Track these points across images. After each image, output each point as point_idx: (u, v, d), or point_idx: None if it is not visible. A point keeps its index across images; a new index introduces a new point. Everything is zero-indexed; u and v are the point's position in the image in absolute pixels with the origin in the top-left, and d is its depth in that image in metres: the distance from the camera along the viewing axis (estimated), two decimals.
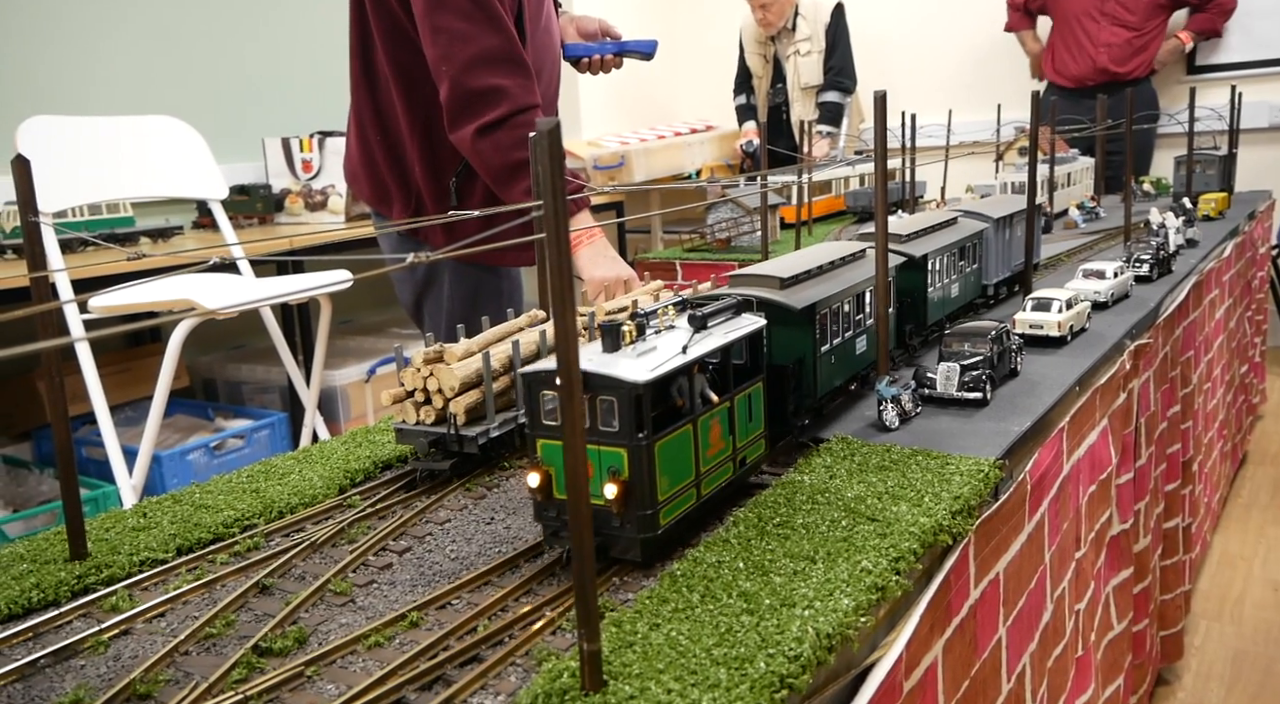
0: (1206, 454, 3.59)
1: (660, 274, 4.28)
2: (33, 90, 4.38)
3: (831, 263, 1.81)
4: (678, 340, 1.29)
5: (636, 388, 1.15)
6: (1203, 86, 4.92)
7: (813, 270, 1.73)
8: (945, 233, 2.28)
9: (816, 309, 1.63)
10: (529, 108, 2.57)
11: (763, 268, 1.70)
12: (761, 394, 1.46)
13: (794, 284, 1.66)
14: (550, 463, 1.22)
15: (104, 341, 4.41)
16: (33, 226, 1.22)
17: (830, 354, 1.71)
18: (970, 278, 2.41)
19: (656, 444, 1.19)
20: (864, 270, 1.85)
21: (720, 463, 1.36)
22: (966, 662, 1.45)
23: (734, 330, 1.39)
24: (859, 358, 1.85)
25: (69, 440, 1.29)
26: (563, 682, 1.00)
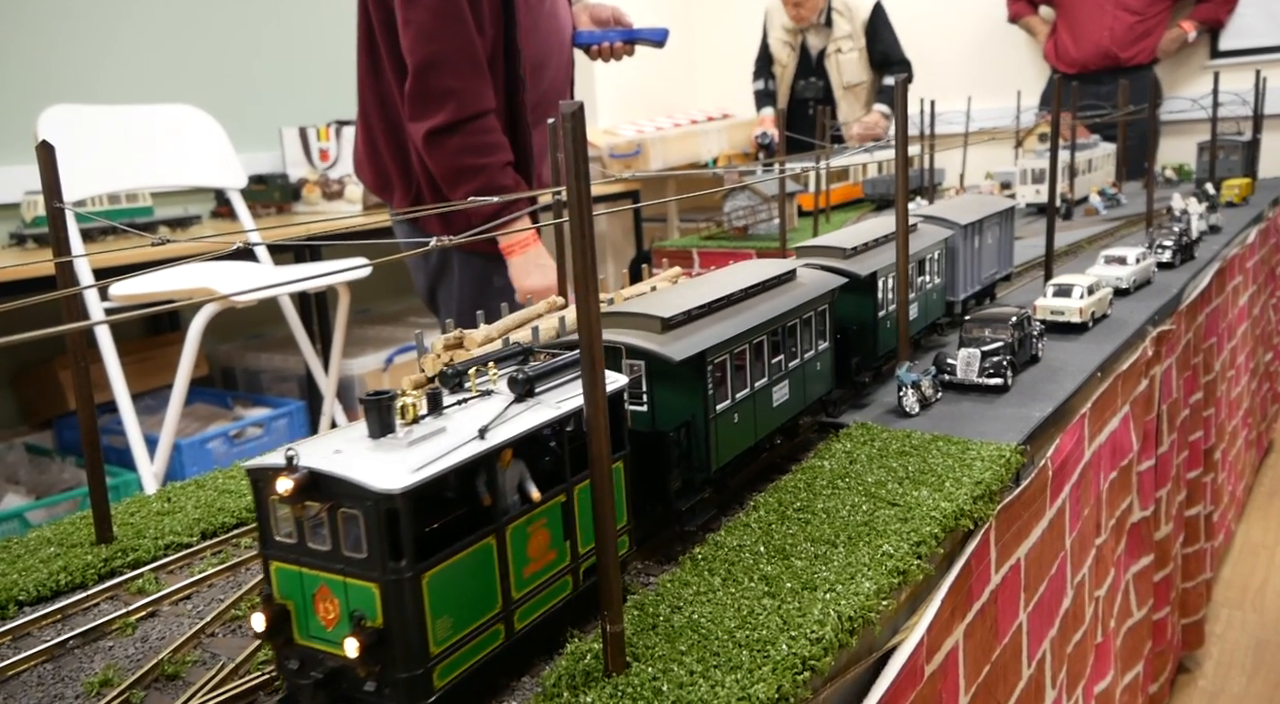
0: (1230, 442, 3.56)
1: (678, 262, 4.27)
2: (53, 79, 4.41)
3: (744, 291, 1.45)
4: (483, 415, 0.97)
5: (388, 499, 0.83)
6: (1226, 71, 4.86)
7: (715, 303, 1.39)
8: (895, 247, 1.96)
9: (708, 357, 1.29)
10: (478, 114, 2.62)
11: (643, 304, 1.35)
12: (624, 475, 1.13)
13: (680, 325, 1.30)
14: (289, 595, 0.91)
15: (124, 331, 4.44)
16: (57, 212, 1.23)
17: (732, 412, 1.36)
18: (932, 296, 2.08)
19: (427, 575, 0.87)
20: (789, 296, 1.51)
21: (549, 580, 1.03)
22: (987, 647, 1.44)
23: (579, 395, 1.05)
24: (777, 411, 1.49)
25: (94, 423, 1.30)
26: (586, 663, 1.00)
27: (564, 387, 1.08)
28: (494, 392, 1.05)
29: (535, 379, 1.05)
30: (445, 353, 1.59)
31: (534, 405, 1.03)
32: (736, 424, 1.38)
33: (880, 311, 1.83)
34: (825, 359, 1.63)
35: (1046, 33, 6.43)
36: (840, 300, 1.71)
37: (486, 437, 0.93)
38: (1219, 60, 6.36)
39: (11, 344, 0.69)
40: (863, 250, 1.84)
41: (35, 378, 4.33)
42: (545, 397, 1.05)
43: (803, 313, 1.54)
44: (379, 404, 0.91)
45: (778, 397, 1.49)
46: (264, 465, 0.88)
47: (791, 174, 4.37)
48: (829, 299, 1.63)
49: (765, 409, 1.45)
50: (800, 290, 1.56)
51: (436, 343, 1.61)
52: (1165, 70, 6.26)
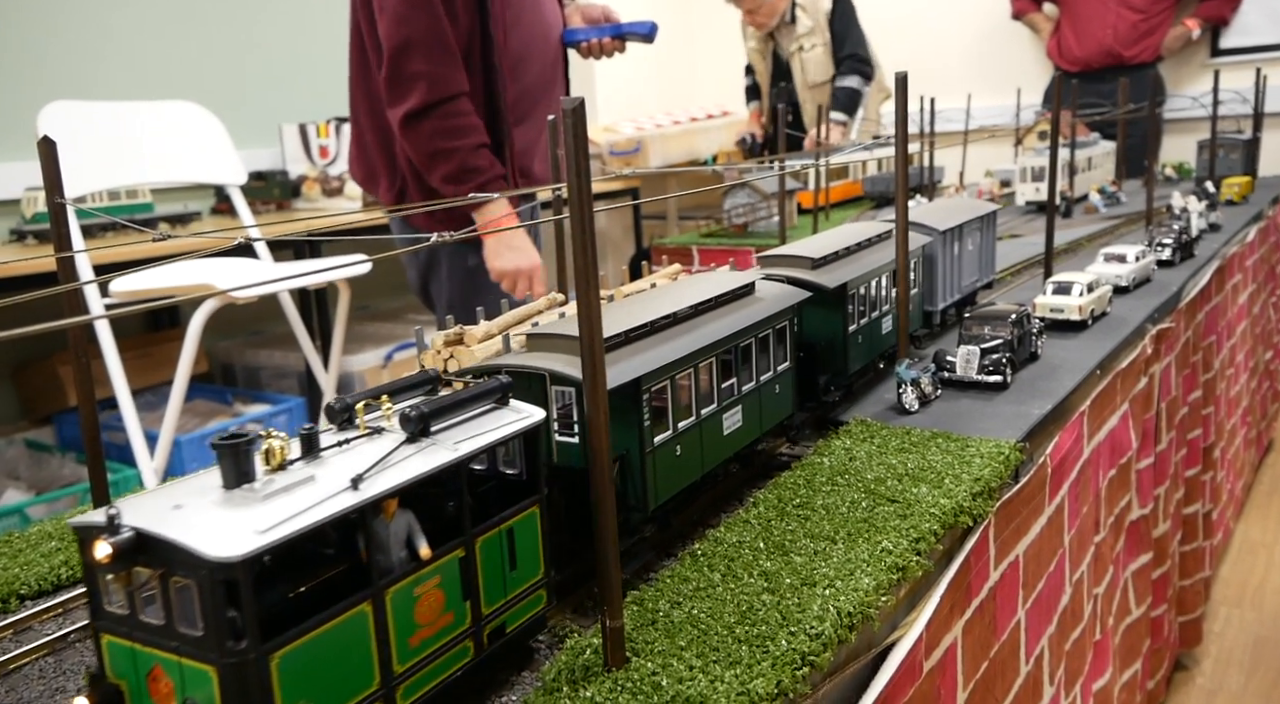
0: (1229, 440, 3.56)
1: (677, 259, 4.27)
2: (53, 76, 4.41)
3: (693, 308, 1.34)
4: (366, 459, 0.85)
5: (224, 568, 0.70)
6: (1226, 69, 4.86)
7: (657, 323, 1.26)
8: (873, 253, 1.84)
9: (644, 385, 1.18)
10: (449, 97, 2.65)
11: (571, 325, 1.15)
12: (538, 523, 1.01)
13: (615, 348, 1.19)
14: (122, 674, 0.79)
15: (124, 327, 4.44)
16: (59, 208, 1.23)
17: (674, 444, 1.25)
18: (907, 307, 1.96)
19: (277, 655, 0.74)
20: (744, 313, 1.38)
21: (443, 647, 0.91)
22: (985, 643, 1.45)
23: (486, 432, 0.95)
24: (729, 440, 1.37)
25: (95, 418, 1.30)
26: (586, 658, 1.01)
27: (469, 423, 0.95)
28: (386, 430, 0.91)
29: (431, 416, 0.91)
30: (446, 349, 1.60)
31: (429, 446, 0.89)
32: (679, 457, 1.26)
33: (851, 326, 1.70)
34: (786, 380, 1.51)
35: (1050, 30, 6.43)
36: (807, 314, 1.62)
37: (361, 487, 0.80)
38: (1220, 58, 6.35)
39: (12, 338, 0.69)
40: (832, 260, 1.71)
41: (36, 374, 4.33)
42: (445, 435, 0.92)
43: (759, 331, 1.42)
44: (234, 449, 0.78)
45: (729, 424, 1.37)
46: (88, 523, 0.75)
47: (791, 171, 4.37)
48: (791, 315, 1.50)
49: (714, 438, 1.33)
50: (758, 306, 1.43)
51: (436, 339, 1.61)
52: (1167, 68, 6.26)
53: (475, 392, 0.99)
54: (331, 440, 0.88)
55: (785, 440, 1.61)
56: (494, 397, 1.02)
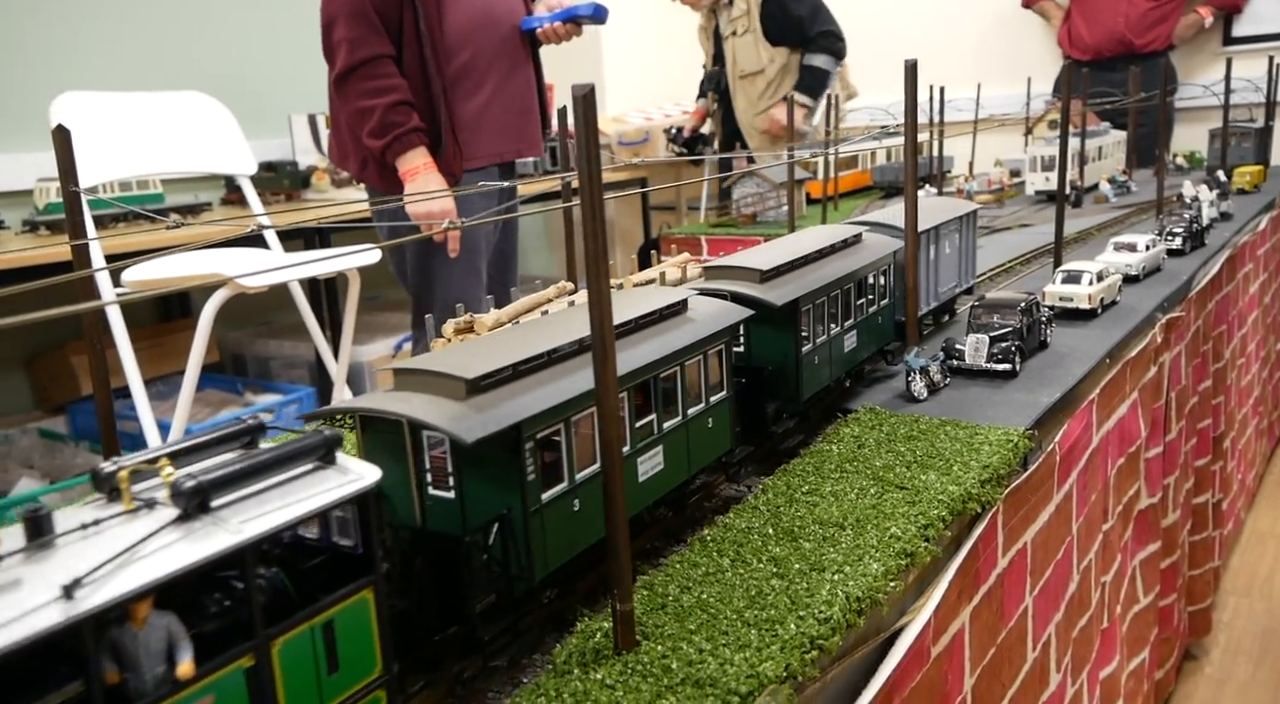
0: (1240, 430, 3.56)
1: (686, 249, 4.27)
2: (64, 67, 4.42)
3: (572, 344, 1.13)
4: (114, 546, 0.67)
5: None
6: (1239, 58, 4.82)
7: (552, 354, 1.09)
8: (833, 262, 1.66)
9: (526, 431, 1.01)
10: (368, 59, 2.88)
11: (446, 359, 1.06)
12: (372, 609, 0.83)
13: (494, 386, 1.01)
14: None
15: (136, 317, 4.47)
16: (73, 196, 1.24)
17: (568, 500, 1.07)
18: (876, 320, 1.81)
19: None
20: (668, 338, 1.23)
21: None
22: (993, 629, 1.46)
23: (294, 503, 0.76)
24: (648, 487, 1.22)
25: (110, 405, 1.31)
26: (596, 641, 1.02)
27: (274, 492, 0.76)
28: (159, 503, 0.73)
29: (213, 487, 0.72)
30: (456, 337, 1.61)
31: (204, 527, 0.71)
32: (576, 513, 1.08)
33: (804, 346, 1.53)
34: (722, 412, 1.34)
35: (1060, 18, 6.40)
36: (754, 334, 1.50)
37: (77, 595, 0.62)
38: (1233, 47, 6.31)
39: (27, 323, 0.70)
40: (785, 271, 1.54)
41: (48, 363, 4.37)
42: (231, 510, 0.73)
43: (688, 356, 1.25)
44: None
45: (648, 468, 1.20)
46: None
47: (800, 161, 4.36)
48: (728, 337, 1.33)
49: (628, 486, 1.14)
50: (688, 328, 1.26)
51: (447, 327, 1.62)
52: (1179, 57, 6.22)
53: (286, 451, 0.78)
54: (79, 521, 0.69)
55: (725, 478, 1.45)
56: (315, 455, 0.80)
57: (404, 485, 1.03)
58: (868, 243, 1.80)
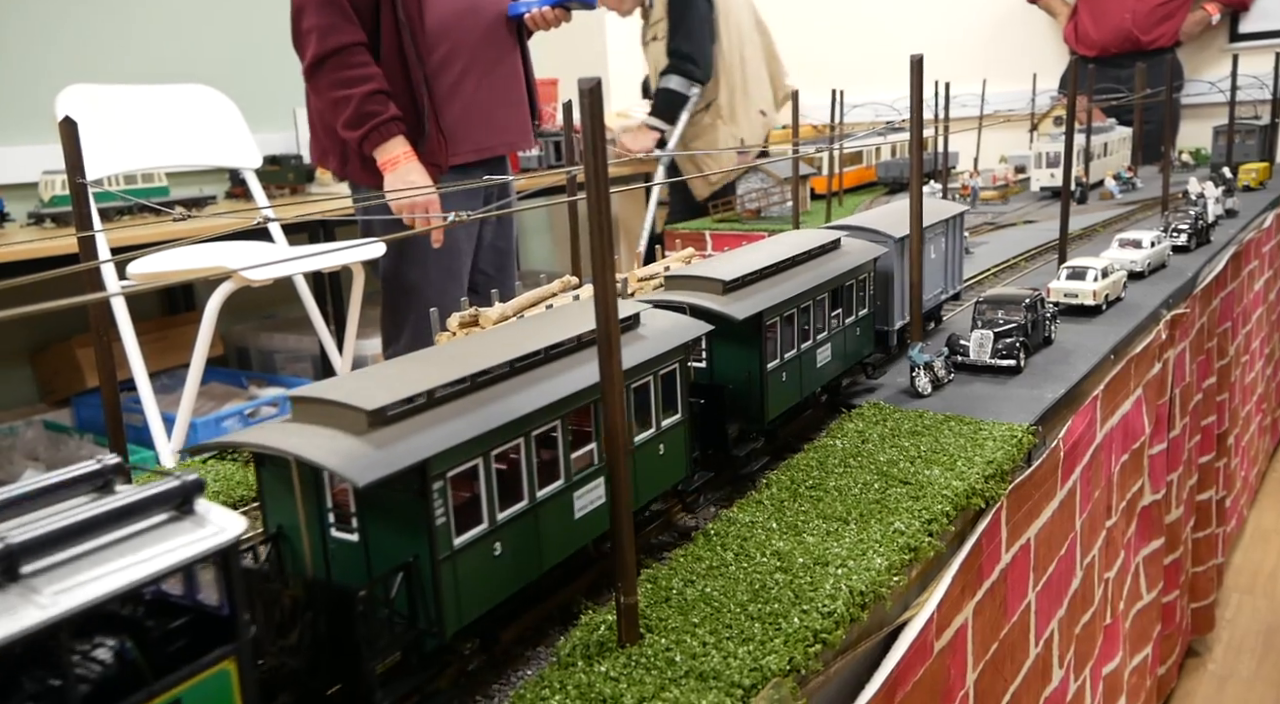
0: (1244, 427, 3.55)
1: (690, 244, 4.27)
2: (69, 60, 4.43)
3: (528, 358, 1.05)
4: None
5: None
6: (1245, 54, 4.81)
7: (476, 379, 0.99)
8: (805, 270, 1.56)
9: (434, 470, 0.89)
10: (340, 48, 2.83)
11: (345, 387, 0.95)
12: (234, 684, 0.70)
13: (400, 419, 0.91)
14: None
15: (141, 310, 4.47)
16: (80, 188, 1.24)
17: (488, 543, 0.96)
18: (853, 331, 1.70)
19: None
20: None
21: None
22: (996, 625, 1.46)
23: (132, 565, 0.64)
24: (582, 526, 1.09)
25: (116, 397, 1.32)
26: (600, 634, 1.02)
27: (111, 550, 0.65)
28: None
29: (25, 551, 0.61)
30: (461, 331, 1.61)
31: (15, 598, 0.59)
32: (498, 558, 0.97)
33: (771, 362, 1.43)
34: (676, 438, 1.23)
35: (1066, 14, 6.38)
36: (716, 350, 1.40)
37: None
38: (1239, 44, 6.29)
39: (33, 314, 0.70)
40: (751, 281, 1.44)
41: (54, 356, 4.38)
42: (49, 577, 0.62)
43: (634, 379, 1.15)
44: None
45: (585, 503, 1.08)
46: None
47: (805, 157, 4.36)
48: (682, 355, 1.23)
49: (559, 526, 1.05)
50: (637, 346, 1.16)
51: (452, 321, 1.62)
52: (1186, 53, 6.20)
53: (132, 501, 0.67)
54: None
55: (681, 508, 1.34)
56: (169, 504, 0.69)
57: (304, 527, 0.93)
58: (846, 249, 1.70)
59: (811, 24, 7.54)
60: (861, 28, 7.38)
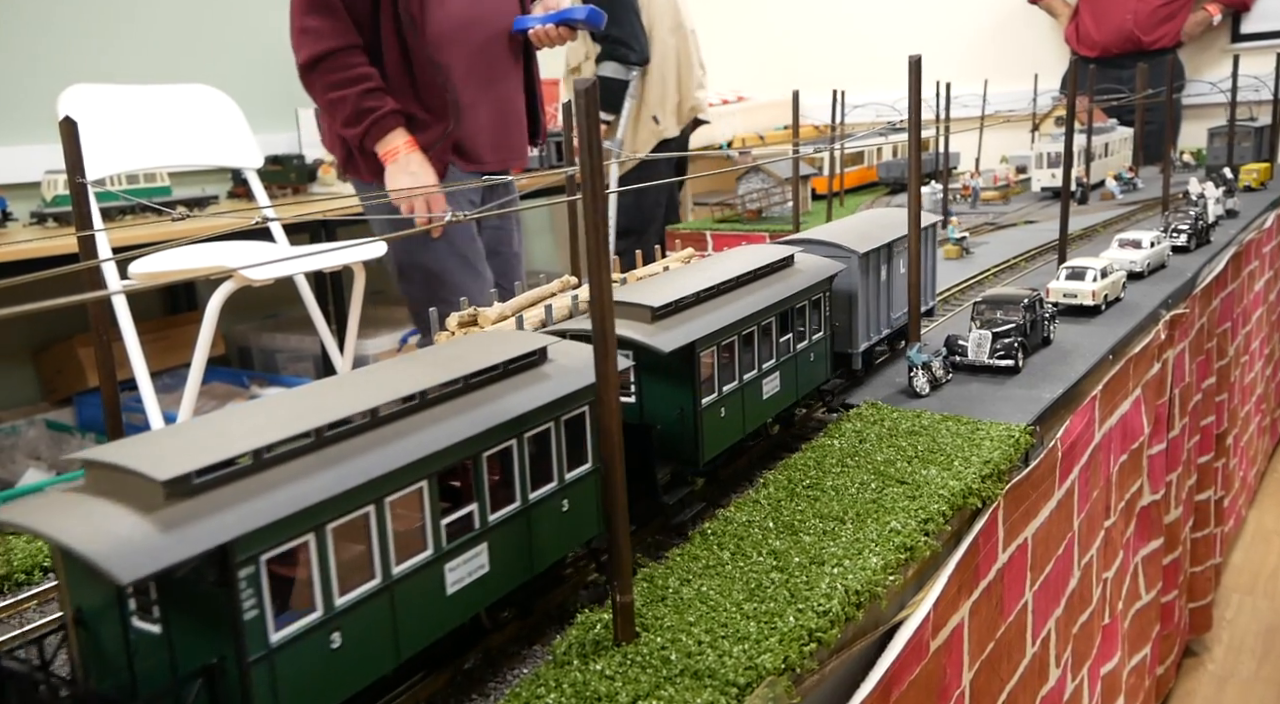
0: (1243, 428, 3.55)
1: (691, 244, 4.28)
2: (72, 60, 4.44)
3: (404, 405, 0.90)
4: None
5: None
6: (1246, 55, 4.80)
7: (324, 435, 0.83)
8: (752, 292, 1.42)
9: (240, 552, 0.74)
10: (335, 50, 2.85)
11: (138, 451, 0.77)
12: None
13: (205, 490, 0.75)
14: None
15: (143, 310, 4.48)
16: (80, 188, 1.25)
17: (322, 636, 0.81)
18: (807, 357, 1.55)
19: None
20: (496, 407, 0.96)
21: None
22: (992, 624, 1.46)
23: None
24: (455, 604, 0.93)
25: (116, 396, 1.32)
26: (596, 633, 1.02)
27: None
28: None
29: None
30: (459, 331, 1.61)
31: None
32: (338, 651, 0.81)
33: (705, 396, 1.29)
34: (586, 490, 1.09)
35: (1068, 15, 6.38)
36: (646, 384, 1.27)
37: None
38: (1240, 44, 6.29)
39: (33, 313, 0.71)
40: (686, 306, 1.30)
41: (56, 355, 4.39)
42: None
43: (530, 425, 1.00)
44: None
45: (462, 574, 0.93)
46: None
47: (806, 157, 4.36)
48: (592, 396, 1.07)
49: (422, 605, 0.89)
50: (537, 389, 1.01)
51: (451, 320, 1.63)
52: (1187, 54, 6.20)
53: None
54: None
55: (595, 567, 1.17)
56: None
57: (105, 613, 0.79)
58: (800, 267, 1.56)
59: (813, 24, 7.55)
60: (862, 28, 7.39)
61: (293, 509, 0.76)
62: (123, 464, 0.73)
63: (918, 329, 1.85)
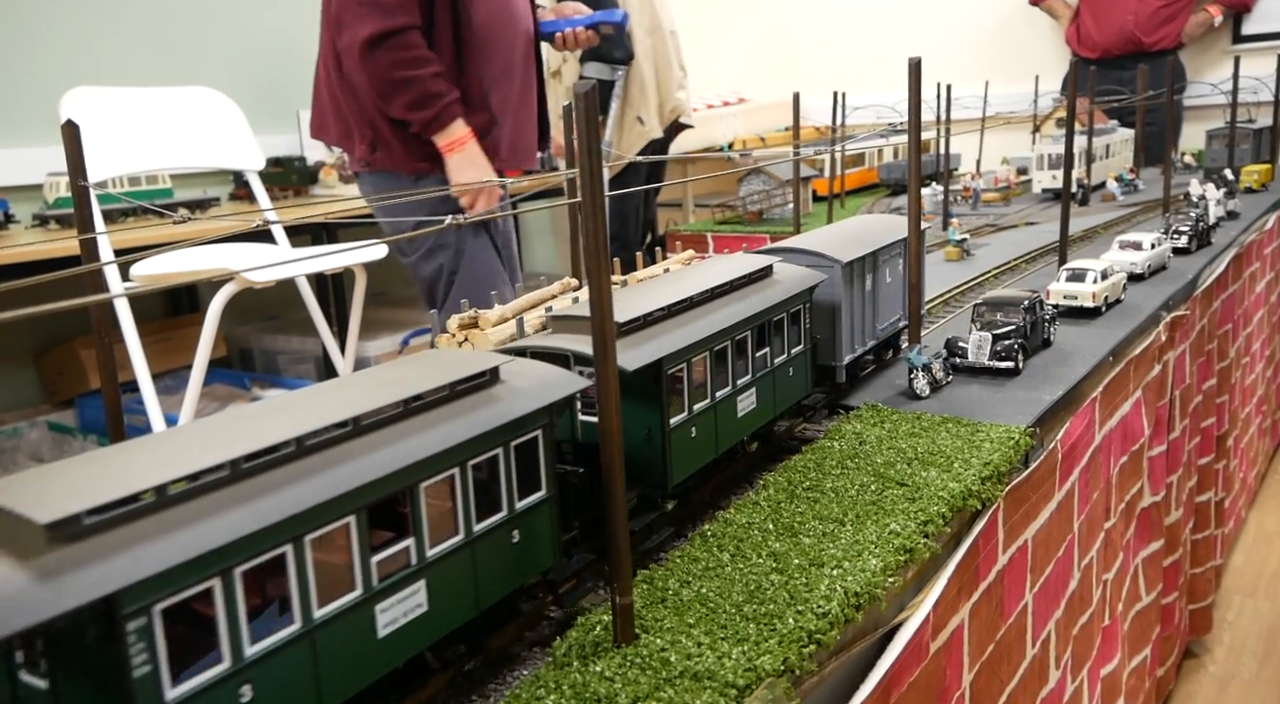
0: (1244, 429, 3.55)
1: (692, 245, 4.28)
2: (73, 62, 4.44)
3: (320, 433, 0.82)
4: None
5: None
6: (1247, 56, 4.81)
7: (240, 468, 0.76)
8: (725, 305, 1.35)
9: (130, 602, 0.66)
10: (403, 28, 2.76)
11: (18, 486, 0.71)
12: None
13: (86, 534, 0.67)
14: None
15: (145, 311, 4.49)
16: (82, 191, 1.25)
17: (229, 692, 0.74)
18: (786, 372, 1.49)
19: None
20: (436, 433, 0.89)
21: None
22: (992, 626, 1.46)
23: None
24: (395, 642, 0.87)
25: (118, 398, 1.33)
26: (596, 634, 1.03)
27: None
28: None
29: None
30: (460, 332, 1.62)
31: None
32: None
33: (675, 416, 1.22)
34: (537, 521, 1.02)
35: (1069, 16, 6.38)
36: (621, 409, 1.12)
37: None
38: (1241, 45, 6.29)
39: (35, 316, 0.71)
40: (654, 322, 1.23)
41: (58, 357, 4.39)
42: None
43: (474, 453, 0.93)
44: None
45: (395, 616, 0.86)
46: None
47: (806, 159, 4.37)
48: (545, 419, 1.01)
49: (348, 650, 0.82)
50: (485, 411, 0.94)
51: (452, 322, 1.63)
52: (1188, 55, 6.20)
53: None
54: None
55: (552, 599, 1.10)
56: None
57: None
58: (779, 277, 1.49)
59: (813, 25, 7.56)
60: (863, 30, 7.39)
61: (195, 552, 0.69)
62: (5, 505, 0.66)
63: (918, 330, 1.85)
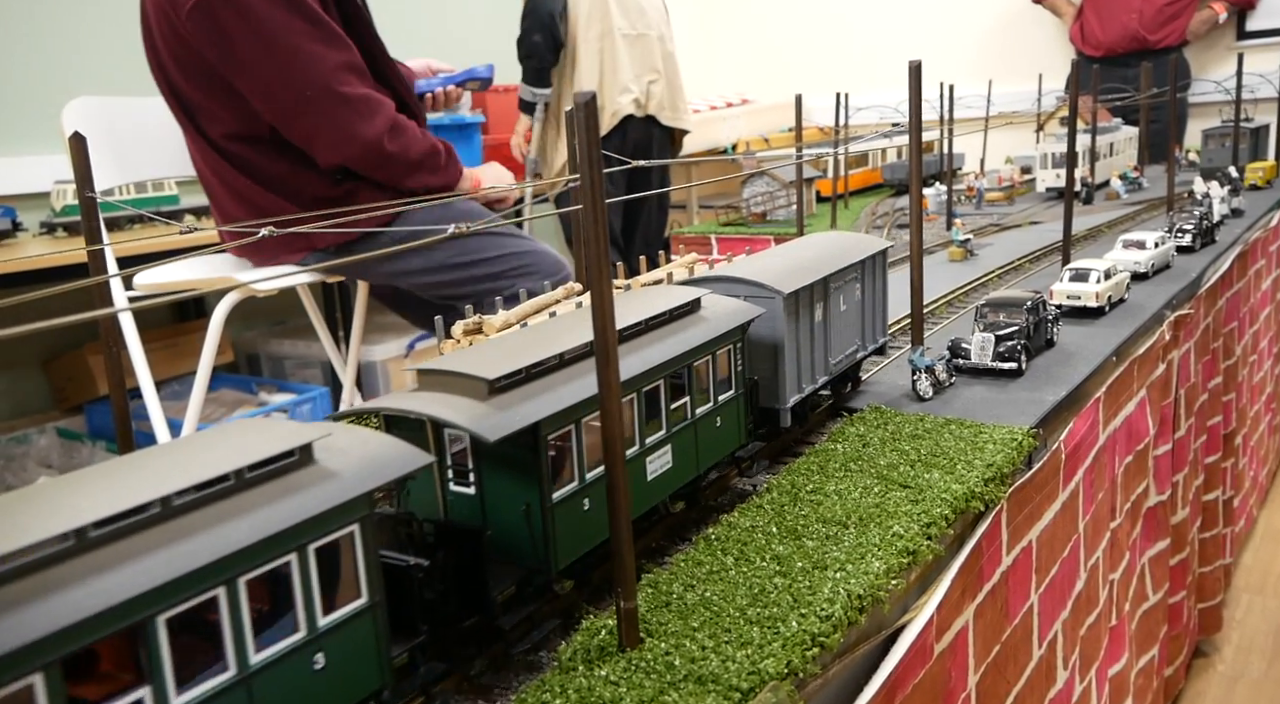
0: (1252, 427, 3.54)
1: (695, 248, 4.28)
2: (78, 72, 4.47)
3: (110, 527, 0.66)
4: None
5: None
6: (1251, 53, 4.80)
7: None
8: (627, 352, 1.13)
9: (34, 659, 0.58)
10: (394, 109, 2.72)
11: None
12: None
13: None
14: None
15: (151, 318, 4.51)
16: (89, 202, 1.26)
17: None
18: (711, 422, 1.29)
19: None
20: (251, 521, 0.71)
21: None
22: (997, 627, 1.46)
23: None
24: None
25: (126, 406, 1.34)
26: (601, 639, 1.03)
27: None
28: None
29: None
30: (465, 338, 1.63)
31: None
32: None
33: (560, 487, 1.04)
34: (358, 637, 0.81)
35: (1072, 14, 6.37)
36: (485, 474, 1.02)
37: None
38: (1246, 42, 6.27)
39: (42, 330, 0.72)
40: (535, 376, 1.04)
41: (66, 363, 4.42)
42: None
43: (281, 548, 0.74)
44: None
45: None
46: None
47: (809, 160, 4.37)
48: (365, 510, 0.80)
49: None
50: (283, 505, 0.74)
51: (456, 328, 1.64)
52: (1193, 52, 6.19)
53: None
54: None
55: None
56: None
57: None
58: (707, 313, 1.29)
59: (816, 26, 7.56)
60: (866, 30, 7.40)
61: (107, 604, 0.61)
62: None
63: (920, 331, 1.85)
